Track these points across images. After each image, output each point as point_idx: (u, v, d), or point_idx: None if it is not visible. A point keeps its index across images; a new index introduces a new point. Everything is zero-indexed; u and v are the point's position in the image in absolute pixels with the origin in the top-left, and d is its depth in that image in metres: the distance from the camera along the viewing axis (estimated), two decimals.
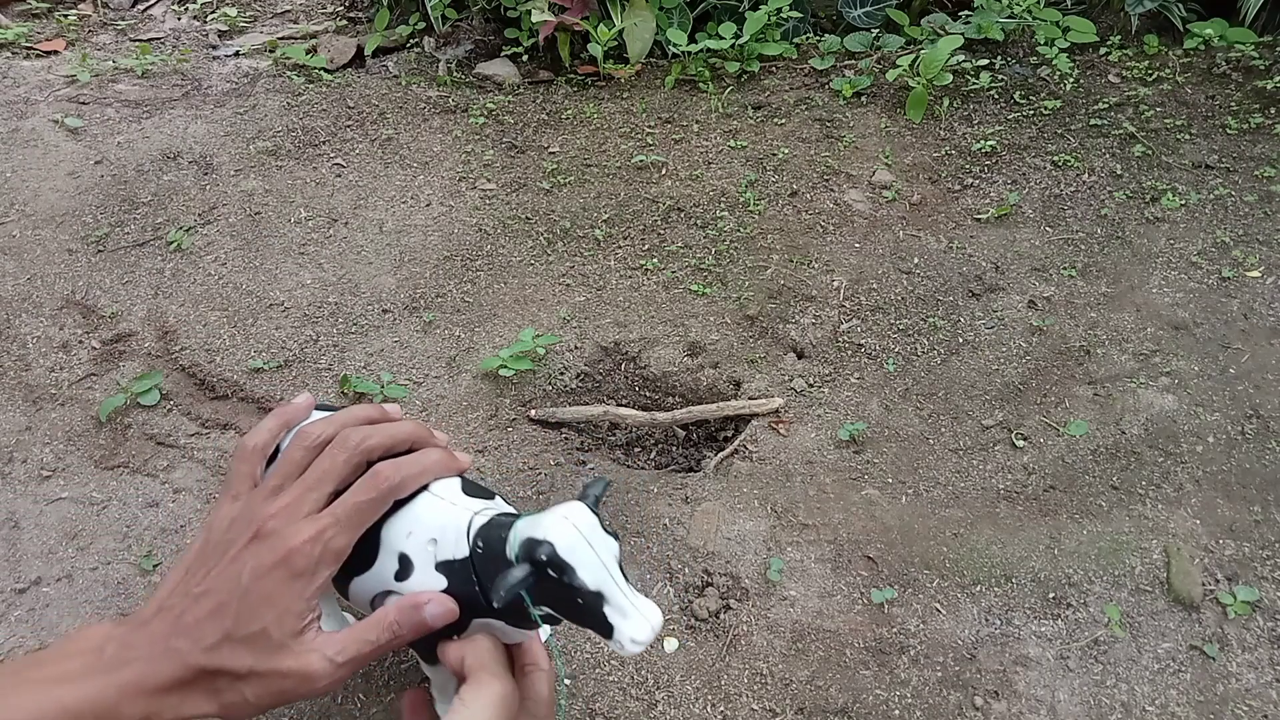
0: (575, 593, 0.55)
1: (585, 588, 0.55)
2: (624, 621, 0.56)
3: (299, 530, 0.58)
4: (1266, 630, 0.86)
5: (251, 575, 0.57)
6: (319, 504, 0.60)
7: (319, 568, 0.58)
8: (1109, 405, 1.08)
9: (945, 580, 0.91)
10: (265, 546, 0.58)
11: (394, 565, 0.61)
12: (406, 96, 1.69)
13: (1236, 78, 1.59)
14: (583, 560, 0.55)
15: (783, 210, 1.40)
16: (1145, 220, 1.34)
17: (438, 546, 0.61)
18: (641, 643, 0.56)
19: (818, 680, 0.82)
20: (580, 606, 0.56)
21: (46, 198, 1.40)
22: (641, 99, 1.67)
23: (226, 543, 0.59)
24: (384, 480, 0.61)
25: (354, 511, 0.60)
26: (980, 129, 1.54)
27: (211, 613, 0.56)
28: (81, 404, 1.10)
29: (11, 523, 0.96)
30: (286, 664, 0.57)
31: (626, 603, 0.56)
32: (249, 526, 0.59)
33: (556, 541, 0.55)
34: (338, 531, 0.59)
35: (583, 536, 0.56)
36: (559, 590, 0.55)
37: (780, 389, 1.12)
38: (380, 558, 0.62)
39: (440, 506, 0.63)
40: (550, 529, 0.55)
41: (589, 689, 0.81)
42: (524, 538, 0.57)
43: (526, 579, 0.55)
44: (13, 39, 1.85)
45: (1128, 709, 0.80)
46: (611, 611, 0.56)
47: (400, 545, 0.61)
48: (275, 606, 0.57)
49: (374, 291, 1.27)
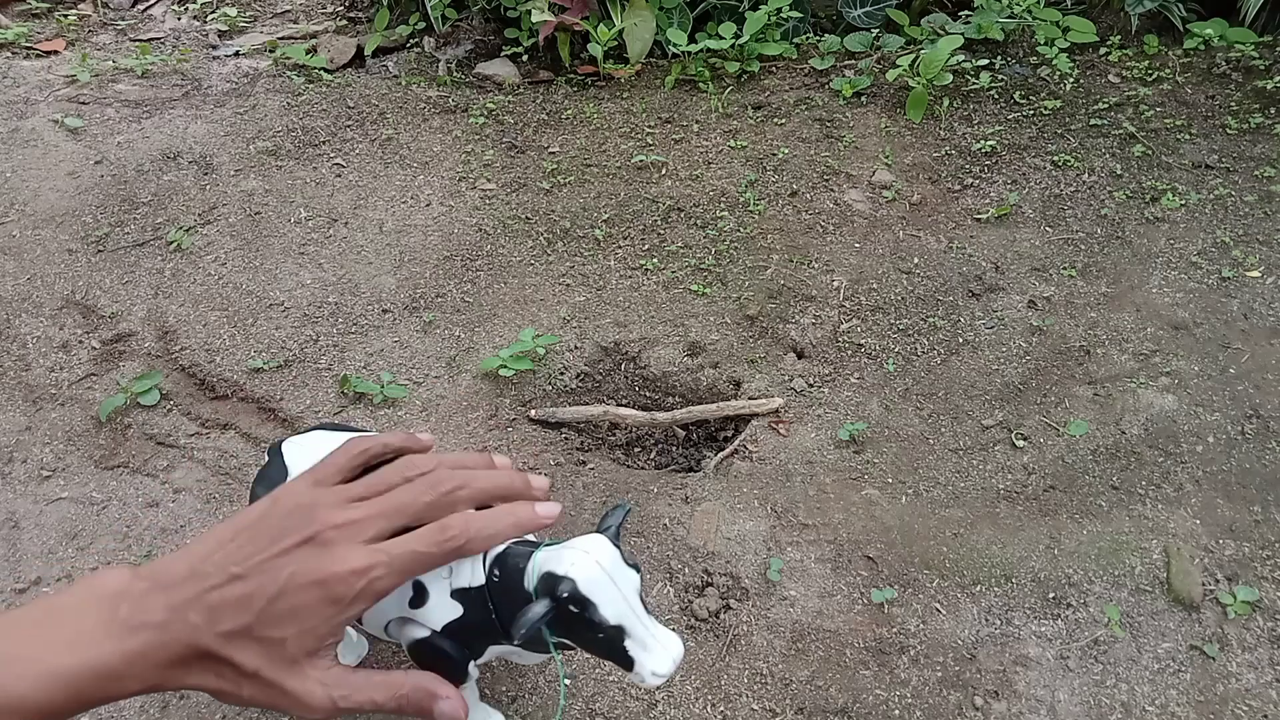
0: (596, 628, 0.55)
1: (606, 623, 0.55)
2: (645, 655, 0.56)
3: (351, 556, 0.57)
4: (1266, 630, 0.86)
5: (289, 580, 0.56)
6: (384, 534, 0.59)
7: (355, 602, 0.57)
8: (1109, 405, 1.08)
9: (945, 580, 0.91)
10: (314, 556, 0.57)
11: (408, 592, 0.61)
12: (406, 96, 1.69)
13: (1236, 78, 1.59)
14: (604, 596, 0.55)
15: (783, 210, 1.40)
16: (1145, 220, 1.34)
17: (453, 574, 0.61)
18: (662, 675, 0.56)
19: (818, 680, 0.82)
20: (601, 640, 0.56)
21: (46, 198, 1.40)
22: (641, 99, 1.67)
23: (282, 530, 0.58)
24: (449, 538, 0.60)
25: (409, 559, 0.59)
26: (980, 129, 1.54)
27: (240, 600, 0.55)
28: (81, 404, 1.10)
29: (11, 523, 0.96)
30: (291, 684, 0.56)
31: (647, 635, 0.56)
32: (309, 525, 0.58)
33: (578, 578, 0.55)
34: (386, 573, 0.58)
35: (604, 571, 0.56)
36: (579, 624, 0.55)
37: (780, 389, 1.12)
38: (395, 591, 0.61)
39: None
40: (572, 565, 0.55)
41: (589, 689, 0.81)
42: (544, 571, 0.56)
43: (546, 614, 0.55)
44: (13, 39, 1.85)
45: (1128, 709, 0.80)
46: (632, 645, 0.56)
47: None
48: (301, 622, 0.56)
49: (374, 291, 1.27)
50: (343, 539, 0.58)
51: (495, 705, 0.78)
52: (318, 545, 0.58)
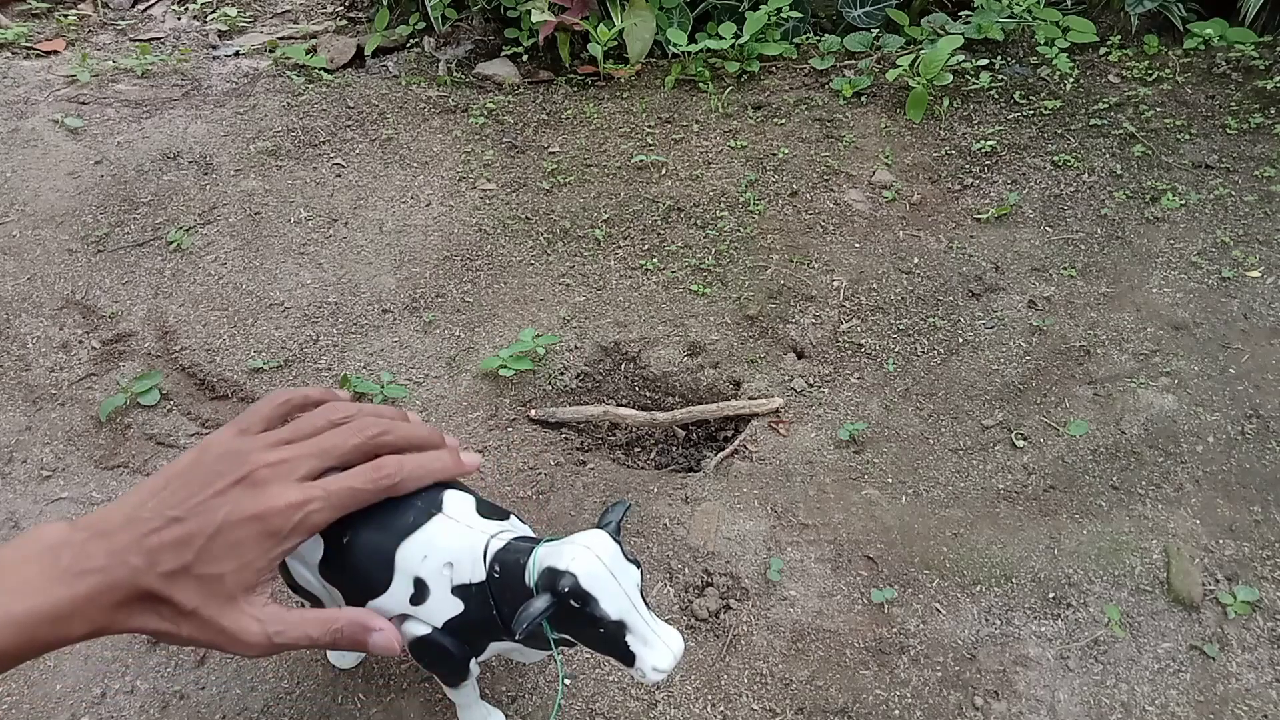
0: (598, 623, 0.55)
1: (607, 618, 0.55)
2: (646, 650, 0.56)
3: (286, 492, 0.58)
4: (1266, 630, 0.86)
5: (225, 518, 0.57)
6: (315, 473, 0.60)
7: (292, 534, 0.58)
8: (1109, 405, 1.08)
9: (945, 580, 0.91)
10: (249, 495, 0.58)
11: (409, 589, 0.61)
12: (406, 96, 1.69)
13: (1236, 78, 1.59)
14: (605, 591, 0.55)
15: (783, 210, 1.40)
16: (1145, 220, 1.34)
17: (454, 570, 0.61)
18: (664, 670, 0.56)
19: (817, 680, 0.82)
20: (602, 636, 0.56)
21: (46, 198, 1.40)
22: (641, 99, 1.67)
23: (214, 474, 0.59)
24: (383, 474, 0.61)
25: (344, 493, 0.60)
26: (980, 129, 1.54)
27: (178, 540, 0.56)
28: (81, 404, 1.10)
29: (11, 523, 0.96)
30: (228, 621, 0.57)
31: (649, 631, 0.57)
32: (241, 466, 0.59)
33: (579, 573, 0.55)
34: (321, 506, 0.59)
35: (605, 567, 0.56)
36: (580, 619, 0.56)
37: (780, 389, 1.12)
38: (395, 581, 0.61)
39: (455, 529, 0.63)
40: (573, 560, 0.55)
41: (589, 689, 0.81)
42: (545, 567, 0.57)
43: (547, 609, 0.55)
44: (13, 39, 1.85)
45: (1128, 709, 0.80)
46: (633, 640, 0.56)
47: (415, 569, 0.61)
48: (239, 557, 0.57)
49: (374, 291, 1.27)
50: (276, 477, 0.59)
51: (495, 705, 0.78)
52: (251, 484, 0.58)
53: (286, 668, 0.82)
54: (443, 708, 0.79)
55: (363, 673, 0.82)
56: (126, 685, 0.81)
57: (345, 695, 0.80)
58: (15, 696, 0.80)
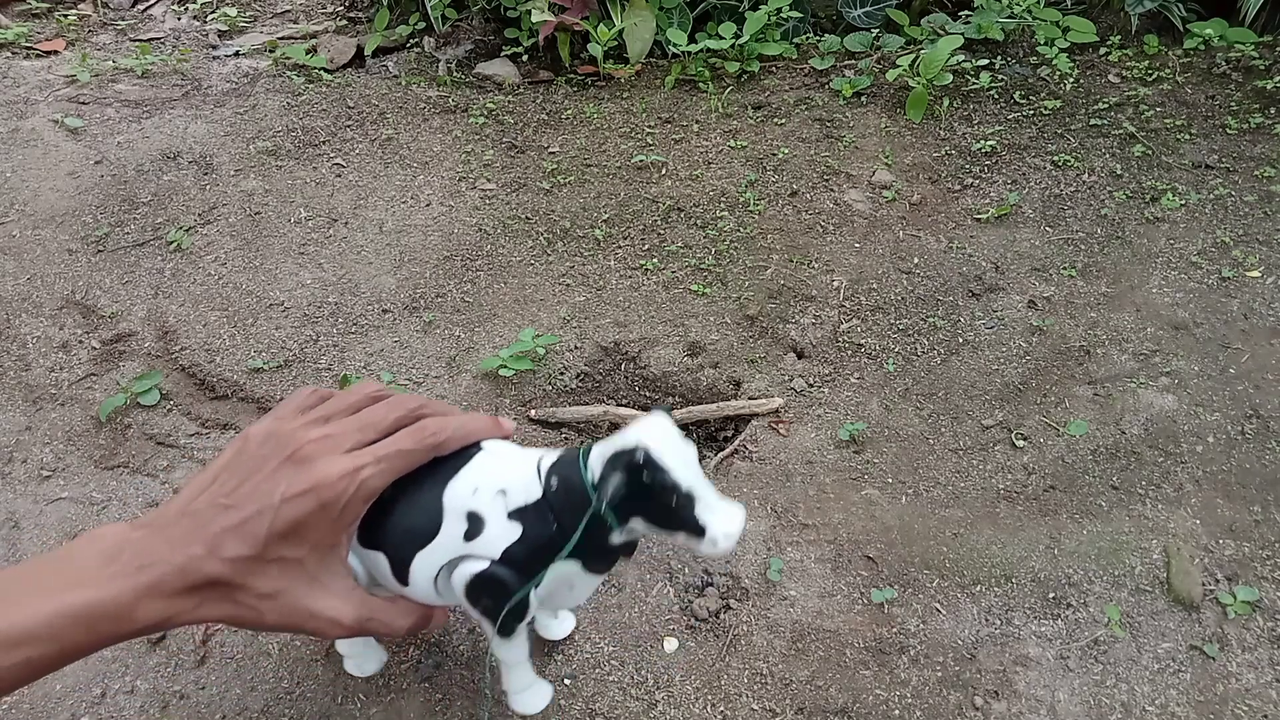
0: (669, 493, 0.57)
1: (679, 487, 0.57)
2: (714, 518, 0.58)
3: (335, 463, 0.57)
4: (1266, 630, 0.86)
5: (283, 498, 0.56)
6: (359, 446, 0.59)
7: (351, 504, 0.57)
8: (1109, 405, 1.08)
9: (945, 580, 0.91)
10: (299, 471, 0.57)
11: (462, 526, 0.60)
12: (406, 96, 1.69)
13: (1236, 78, 1.59)
14: (675, 459, 0.57)
15: (783, 210, 1.40)
16: (1145, 220, 1.34)
17: (508, 496, 0.61)
18: (733, 536, 0.58)
19: (818, 680, 0.82)
20: (672, 510, 0.57)
21: (46, 198, 1.40)
22: (641, 99, 1.67)
23: (260, 458, 0.58)
24: (429, 432, 0.61)
25: (395, 455, 0.59)
26: (980, 129, 1.54)
27: (238, 527, 0.55)
28: (81, 404, 1.10)
29: (11, 523, 0.96)
30: (314, 603, 0.56)
31: (715, 500, 0.59)
32: (285, 447, 0.58)
33: (649, 445, 0.56)
34: (375, 472, 0.58)
35: (670, 439, 0.58)
36: (652, 493, 0.57)
37: (780, 389, 1.12)
38: (445, 523, 0.61)
39: (504, 458, 0.63)
40: (640, 436, 0.57)
41: (589, 689, 0.81)
42: (610, 454, 0.58)
43: (623, 483, 0.56)
44: (13, 39, 1.85)
45: (1128, 709, 0.80)
46: (702, 509, 0.58)
47: (467, 504, 0.61)
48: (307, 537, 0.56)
49: (374, 291, 1.27)
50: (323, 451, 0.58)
51: (496, 705, 0.78)
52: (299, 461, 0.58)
53: (286, 668, 0.82)
54: (442, 708, 0.79)
55: None
56: (126, 685, 0.81)
57: (345, 695, 0.80)
58: (15, 696, 0.80)
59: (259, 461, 0.58)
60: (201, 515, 0.56)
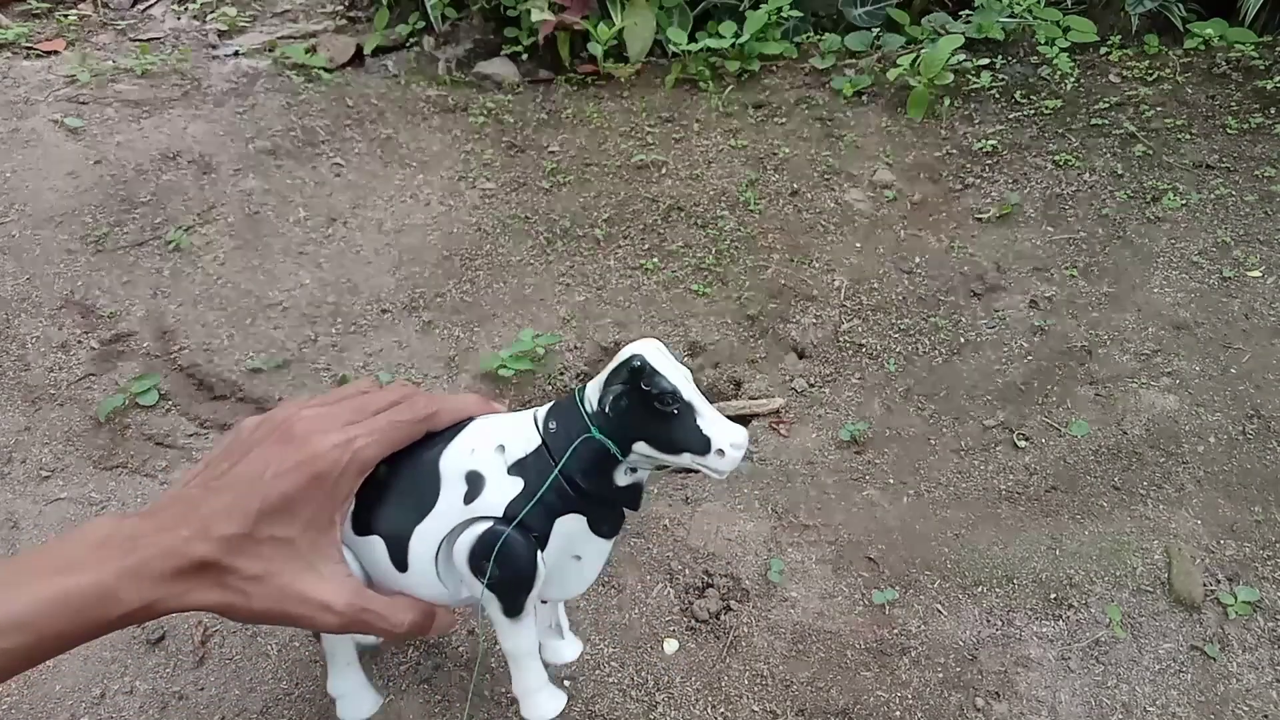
0: (669, 400, 0.56)
1: (679, 394, 0.56)
2: (718, 429, 0.57)
3: (328, 436, 0.56)
4: (1267, 630, 0.85)
5: (273, 475, 0.54)
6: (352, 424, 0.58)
7: (344, 477, 0.56)
8: (1110, 405, 1.08)
9: (946, 581, 0.90)
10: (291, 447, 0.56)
11: (461, 489, 0.59)
12: (406, 96, 1.68)
13: (1236, 78, 1.58)
14: (671, 370, 0.57)
15: (783, 210, 1.40)
16: (1146, 220, 1.34)
17: (506, 451, 0.60)
18: (740, 445, 0.57)
19: (818, 681, 0.82)
20: (674, 421, 0.57)
21: (46, 198, 1.39)
22: (641, 98, 1.67)
23: (252, 441, 0.57)
24: (422, 407, 0.61)
25: (388, 427, 0.58)
26: (981, 128, 1.54)
27: (227, 507, 0.54)
28: (81, 404, 1.10)
29: (11, 523, 0.96)
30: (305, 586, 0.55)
31: (716, 415, 0.58)
32: (276, 427, 0.57)
33: (644, 353, 0.56)
34: (368, 443, 0.57)
35: (665, 355, 0.58)
36: (652, 403, 0.56)
37: (781, 389, 1.12)
38: (444, 490, 0.60)
39: (499, 419, 0.62)
40: (633, 348, 0.57)
41: (589, 690, 0.80)
42: (607, 372, 0.57)
43: (621, 393, 0.56)
44: (13, 39, 1.85)
45: (1129, 709, 0.80)
46: (704, 423, 0.57)
47: (465, 465, 0.60)
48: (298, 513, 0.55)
49: (373, 291, 1.26)
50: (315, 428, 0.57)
51: (495, 706, 0.78)
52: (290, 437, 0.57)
53: (285, 669, 0.82)
54: (441, 709, 0.79)
55: None
56: (126, 685, 0.81)
57: None
58: (15, 697, 0.80)
59: (250, 444, 0.57)
60: (191, 499, 0.55)
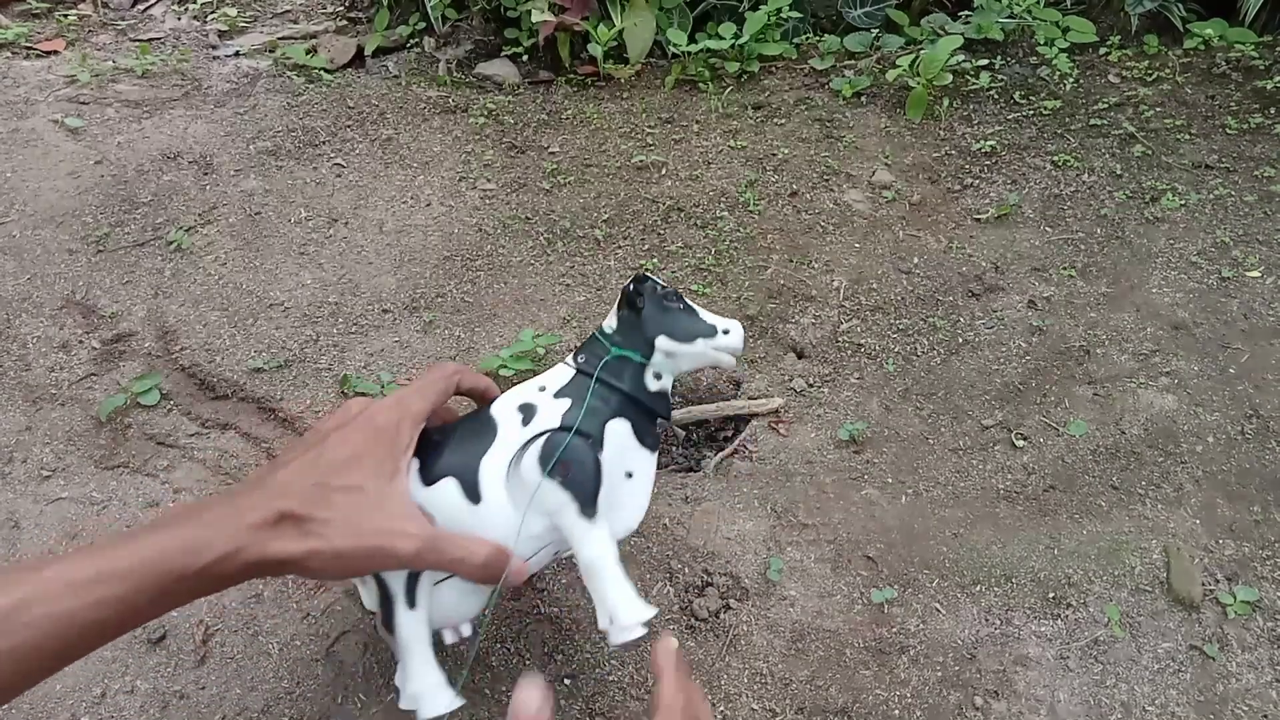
0: (675, 299, 0.73)
1: (681, 295, 0.74)
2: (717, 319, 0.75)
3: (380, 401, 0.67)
4: (1266, 630, 0.86)
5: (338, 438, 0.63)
6: None
7: (401, 425, 0.65)
8: (1109, 405, 1.08)
9: (945, 580, 0.91)
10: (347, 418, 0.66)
11: (518, 418, 0.70)
12: (406, 96, 1.69)
13: (1236, 78, 1.59)
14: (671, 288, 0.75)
15: (783, 210, 1.40)
16: (1145, 220, 1.34)
17: (548, 389, 0.72)
18: (738, 327, 0.75)
19: (817, 680, 0.82)
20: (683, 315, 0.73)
21: (46, 198, 1.40)
22: (641, 99, 1.67)
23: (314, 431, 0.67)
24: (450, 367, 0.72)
25: (427, 383, 0.69)
26: (980, 129, 1.54)
27: (301, 470, 0.62)
28: (81, 404, 1.10)
29: (11, 523, 0.96)
30: (386, 522, 0.61)
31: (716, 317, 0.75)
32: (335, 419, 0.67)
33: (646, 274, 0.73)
34: (416, 397, 0.67)
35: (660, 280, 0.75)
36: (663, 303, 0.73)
37: (780, 389, 1.13)
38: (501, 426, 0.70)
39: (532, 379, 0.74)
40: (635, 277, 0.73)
41: (589, 689, 0.81)
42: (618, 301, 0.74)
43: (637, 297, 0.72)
44: (13, 39, 1.85)
45: (1128, 709, 0.80)
46: (706, 315, 0.75)
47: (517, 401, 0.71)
48: (365, 466, 0.62)
49: (374, 291, 1.27)
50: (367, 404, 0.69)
51: (495, 704, 0.78)
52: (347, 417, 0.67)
53: (286, 668, 0.82)
54: None
55: (362, 672, 0.82)
56: (126, 685, 0.81)
57: (345, 695, 0.80)
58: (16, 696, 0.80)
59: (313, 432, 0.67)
60: (267, 478, 0.63)
